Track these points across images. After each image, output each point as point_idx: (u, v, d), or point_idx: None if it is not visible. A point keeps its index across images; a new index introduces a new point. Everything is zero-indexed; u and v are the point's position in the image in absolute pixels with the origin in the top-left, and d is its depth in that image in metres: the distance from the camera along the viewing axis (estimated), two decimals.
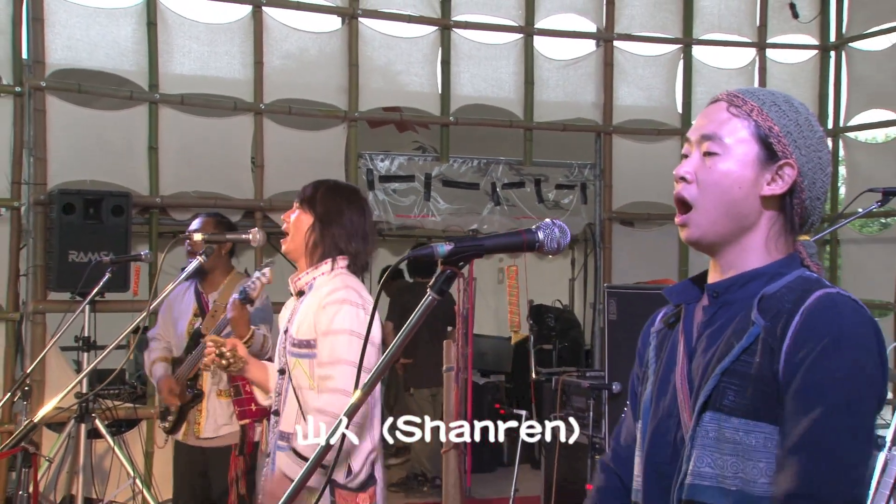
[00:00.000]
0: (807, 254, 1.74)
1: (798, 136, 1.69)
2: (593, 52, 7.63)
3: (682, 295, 1.80)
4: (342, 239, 3.15)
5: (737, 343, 1.62)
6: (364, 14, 6.85)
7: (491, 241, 1.67)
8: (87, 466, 5.12)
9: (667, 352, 1.79)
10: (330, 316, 3.01)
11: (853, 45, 7.90)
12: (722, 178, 1.68)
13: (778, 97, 1.72)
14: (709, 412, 1.62)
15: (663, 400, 1.74)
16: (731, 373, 1.61)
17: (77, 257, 5.49)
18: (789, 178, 1.67)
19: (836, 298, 1.59)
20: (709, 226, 1.69)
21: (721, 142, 1.69)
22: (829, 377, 1.53)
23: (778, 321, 1.59)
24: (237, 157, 6.59)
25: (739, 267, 1.71)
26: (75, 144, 6.07)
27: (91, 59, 6.17)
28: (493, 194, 7.31)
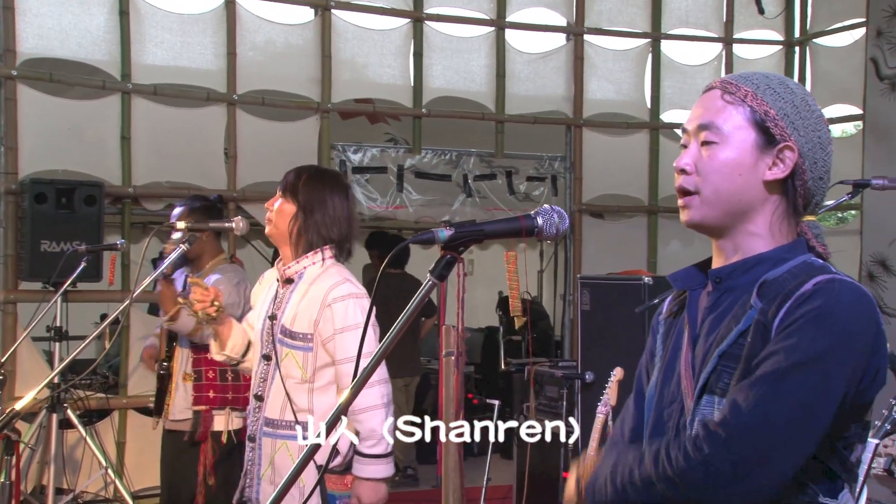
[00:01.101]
0: (812, 234, 1.72)
1: (795, 118, 1.66)
2: (564, 46, 7.70)
3: (685, 281, 1.79)
4: (325, 227, 3.17)
5: (735, 326, 1.62)
6: (337, 6, 6.86)
7: (491, 226, 1.67)
8: (59, 456, 5.11)
9: (673, 339, 1.78)
10: (340, 314, 3.06)
11: (817, 41, 8.04)
12: (722, 167, 1.67)
13: (773, 80, 1.71)
14: (706, 396, 1.62)
15: (668, 386, 1.74)
16: (728, 356, 1.61)
17: (49, 247, 5.47)
18: (790, 162, 1.66)
19: (836, 282, 1.58)
20: (710, 211, 1.68)
21: (718, 130, 1.67)
22: (804, 339, 1.52)
23: (774, 302, 1.59)
24: (210, 148, 6.58)
25: (743, 251, 1.69)
26: (47, 134, 6.03)
27: (63, 48, 6.13)
28: (465, 186, 7.37)
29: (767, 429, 1.50)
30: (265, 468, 3.13)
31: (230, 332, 3.30)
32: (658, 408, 1.75)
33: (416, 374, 7.49)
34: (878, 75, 7.19)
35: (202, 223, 3.79)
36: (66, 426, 5.17)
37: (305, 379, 3.08)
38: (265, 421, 3.12)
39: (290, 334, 3.11)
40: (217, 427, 4.24)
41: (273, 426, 3.10)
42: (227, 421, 4.24)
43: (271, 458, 3.11)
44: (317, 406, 3.09)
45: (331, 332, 3.07)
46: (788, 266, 1.65)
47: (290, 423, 3.06)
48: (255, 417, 3.17)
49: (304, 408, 3.07)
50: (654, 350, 1.83)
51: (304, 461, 1.57)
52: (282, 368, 3.08)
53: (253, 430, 3.18)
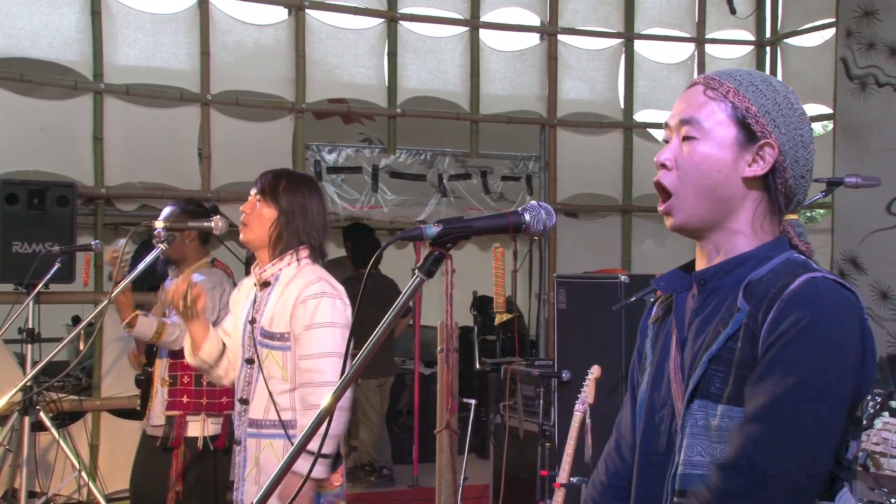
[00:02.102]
0: (795, 233, 1.72)
1: (777, 115, 1.66)
2: (537, 46, 7.73)
3: (670, 284, 1.77)
4: (305, 232, 3.20)
5: (723, 330, 1.61)
6: (310, 6, 6.85)
7: (478, 222, 1.65)
8: (31, 459, 5.07)
9: (661, 342, 1.77)
10: (311, 310, 3.07)
11: (788, 41, 8.12)
12: (702, 162, 1.66)
13: (755, 77, 1.70)
14: (697, 400, 1.61)
15: (658, 391, 1.73)
16: (718, 360, 1.60)
17: (21, 248, 5.41)
18: (770, 158, 1.65)
19: (820, 282, 1.57)
20: (691, 210, 1.68)
21: (699, 125, 1.67)
22: (802, 354, 1.51)
23: (761, 307, 1.58)
24: (184, 148, 6.55)
25: (726, 251, 1.69)
26: (18, 134, 5.98)
27: (34, 47, 6.08)
28: (440, 186, 7.37)
29: (793, 456, 1.50)
30: (250, 468, 3.13)
31: (206, 335, 3.29)
32: (649, 412, 1.74)
33: (391, 374, 7.47)
34: (848, 75, 7.27)
35: (180, 222, 3.77)
36: (38, 429, 5.13)
37: (286, 378, 3.09)
38: (249, 422, 3.13)
39: (269, 335, 3.12)
40: (191, 433, 4.21)
41: (257, 426, 3.11)
42: (202, 427, 4.21)
43: (256, 457, 3.12)
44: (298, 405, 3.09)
45: (300, 329, 3.08)
46: (772, 265, 1.64)
47: (274, 422, 3.07)
48: (240, 421, 3.18)
49: (286, 407, 3.08)
50: (644, 352, 1.83)
51: (288, 464, 1.56)
52: (264, 370, 3.09)
53: (239, 434, 3.19)
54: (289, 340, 3.10)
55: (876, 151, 6.98)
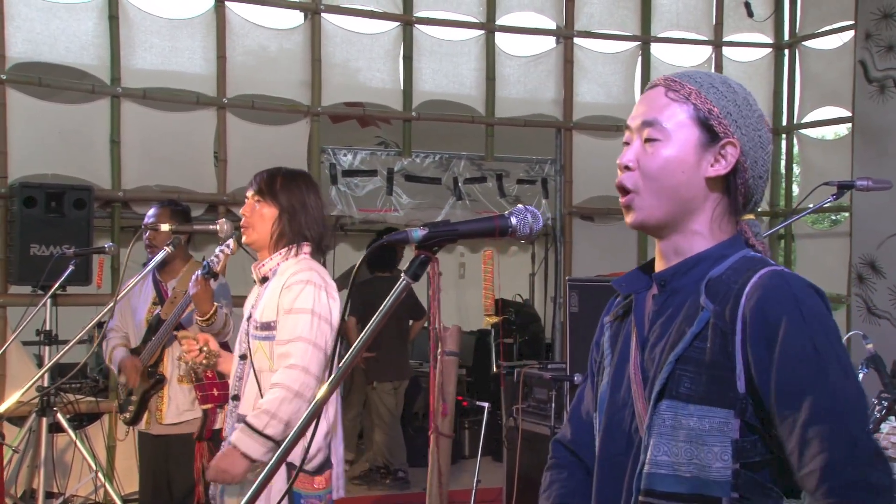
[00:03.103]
0: (752, 233, 1.74)
1: (738, 116, 1.67)
2: (553, 49, 7.72)
3: (630, 285, 1.78)
4: (307, 227, 3.20)
5: (688, 329, 1.61)
6: (326, 10, 6.88)
7: (465, 226, 1.66)
8: (49, 460, 5.11)
9: (621, 343, 1.77)
10: (293, 295, 3.06)
11: (806, 43, 8.07)
12: (664, 164, 1.66)
13: (715, 79, 1.71)
14: (665, 400, 1.61)
15: (618, 392, 1.73)
16: (686, 359, 1.60)
17: (39, 251, 5.47)
18: (732, 158, 1.66)
19: (785, 275, 1.59)
20: (653, 209, 1.68)
21: (661, 127, 1.67)
22: (811, 352, 1.53)
23: (726, 304, 1.59)
24: (200, 152, 6.60)
25: (684, 251, 1.70)
26: (37, 138, 6.04)
27: (52, 52, 6.14)
28: (455, 189, 7.38)
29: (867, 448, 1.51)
30: None
31: (229, 367, 3.30)
32: (610, 412, 1.75)
33: (406, 377, 7.49)
34: (867, 78, 7.22)
35: (186, 226, 3.79)
36: (56, 430, 5.18)
37: (274, 369, 3.06)
38: (238, 418, 3.11)
39: (259, 326, 3.12)
40: (218, 424, 4.23)
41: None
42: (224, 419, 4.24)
43: (233, 443, 3.06)
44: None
45: (281, 313, 3.07)
46: (729, 262, 1.65)
47: None
48: (231, 418, 3.16)
49: None
50: (602, 348, 1.83)
51: (278, 462, 1.57)
52: (255, 363, 3.09)
53: (229, 429, 3.17)
54: (274, 329, 3.09)
55: (895, 154, 6.94)
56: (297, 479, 3.03)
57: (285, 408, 2.95)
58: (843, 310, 7.52)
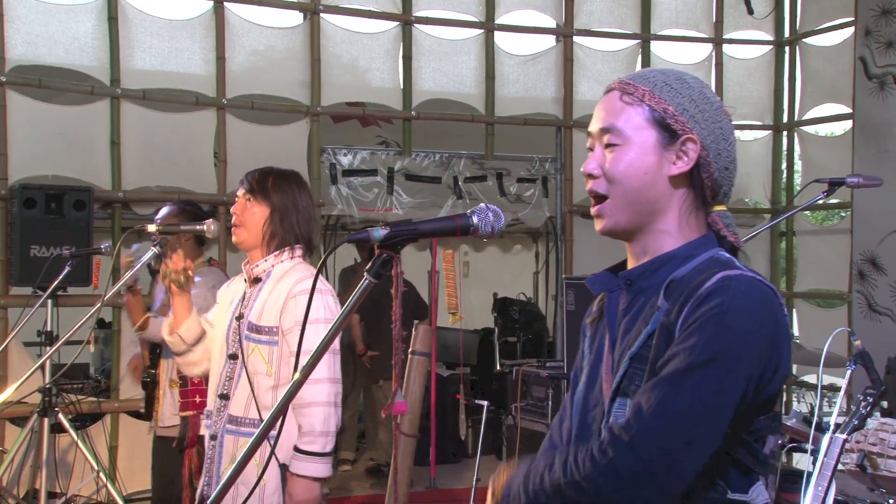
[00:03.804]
0: (723, 224, 1.72)
1: (695, 111, 1.67)
2: (553, 48, 7.73)
3: (602, 285, 1.79)
4: (298, 226, 3.21)
5: (644, 329, 1.63)
6: (325, 10, 6.90)
7: (426, 225, 1.66)
8: (51, 461, 5.12)
9: (597, 343, 1.79)
10: (302, 306, 3.06)
11: (806, 40, 8.06)
12: (627, 169, 1.67)
13: (669, 76, 1.71)
14: (619, 398, 1.63)
15: (592, 390, 1.74)
16: (638, 358, 1.61)
17: (39, 252, 5.49)
18: (693, 154, 1.66)
19: (735, 279, 1.57)
20: (621, 215, 1.69)
21: (619, 132, 1.68)
22: (702, 339, 1.51)
23: (677, 303, 1.59)
24: (200, 152, 6.62)
25: (653, 251, 1.70)
26: (37, 139, 6.06)
27: (51, 54, 6.17)
28: (456, 188, 7.39)
29: (669, 429, 1.50)
30: (225, 466, 3.10)
31: (187, 314, 3.30)
32: (583, 412, 1.76)
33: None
34: (867, 74, 7.21)
35: (173, 225, 3.80)
36: (57, 430, 5.19)
37: (271, 373, 3.08)
38: (229, 419, 3.11)
39: (256, 329, 3.11)
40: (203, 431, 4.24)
41: (236, 423, 3.08)
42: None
43: (233, 455, 3.09)
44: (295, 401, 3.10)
45: (291, 323, 3.08)
46: (695, 263, 1.65)
47: (254, 420, 3.03)
48: (218, 417, 3.16)
49: (267, 405, 3.04)
50: (584, 353, 1.84)
51: (249, 453, 1.58)
52: (248, 365, 3.08)
53: (215, 429, 3.16)
54: (276, 335, 3.09)
55: (895, 150, 6.93)
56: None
57: (332, 421, 3.04)
58: (844, 307, 7.52)
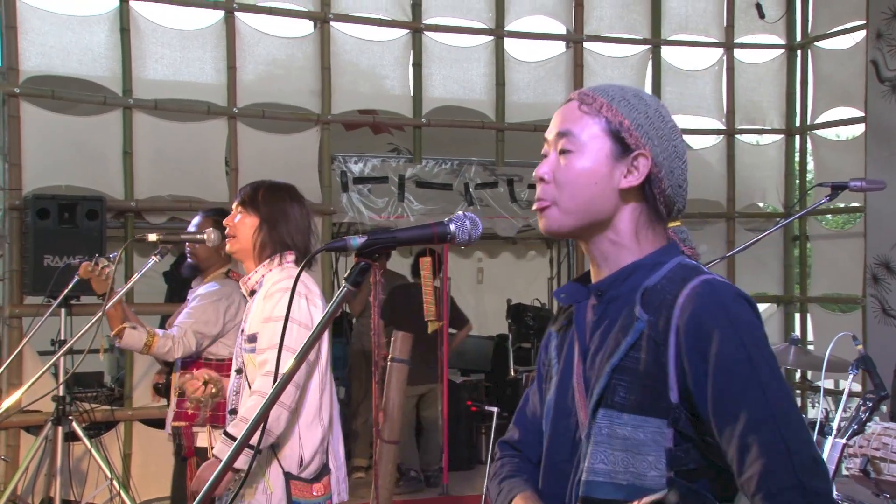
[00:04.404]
0: (679, 239, 1.77)
1: (649, 128, 1.70)
2: (563, 54, 7.73)
3: (570, 296, 1.80)
4: (288, 236, 3.26)
5: (624, 339, 1.64)
6: (335, 18, 6.93)
7: (404, 233, 1.69)
8: (65, 469, 5.17)
9: (566, 352, 1.80)
10: (273, 304, 3.10)
11: (818, 44, 8.04)
12: (577, 176, 1.70)
13: (627, 92, 1.74)
14: (602, 409, 1.64)
15: (564, 400, 1.75)
16: (621, 369, 1.63)
17: (52, 261, 5.53)
18: (644, 169, 1.69)
19: (716, 284, 1.61)
20: (566, 219, 1.71)
21: (574, 139, 1.70)
22: (743, 362, 1.55)
23: (660, 314, 1.61)
24: (211, 161, 6.65)
25: (613, 261, 1.73)
26: (50, 150, 6.11)
27: (64, 65, 6.22)
28: (467, 194, 7.40)
29: (810, 453, 1.53)
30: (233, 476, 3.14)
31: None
32: (555, 421, 1.77)
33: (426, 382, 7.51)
34: (879, 77, 7.19)
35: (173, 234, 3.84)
36: (71, 438, 5.23)
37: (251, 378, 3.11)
38: None
39: (248, 339, 3.16)
40: (200, 443, 4.24)
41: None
42: (209, 438, 4.26)
43: (214, 454, 3.12)
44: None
45: (259, 322, 3.12)
46: (664, 270, 1.67)
47: None
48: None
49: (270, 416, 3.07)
50: (550, 356, 1.85)
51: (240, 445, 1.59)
52: (248, 376, 3.13)
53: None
54: (255, 340, 3.13)
55: None
56: (295, 488, 3.08)
57: (265, 416, 2.98)
58: (858, 311, 7.48)
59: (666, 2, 7.88)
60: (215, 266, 4.48)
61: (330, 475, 3.17)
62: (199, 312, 4.21)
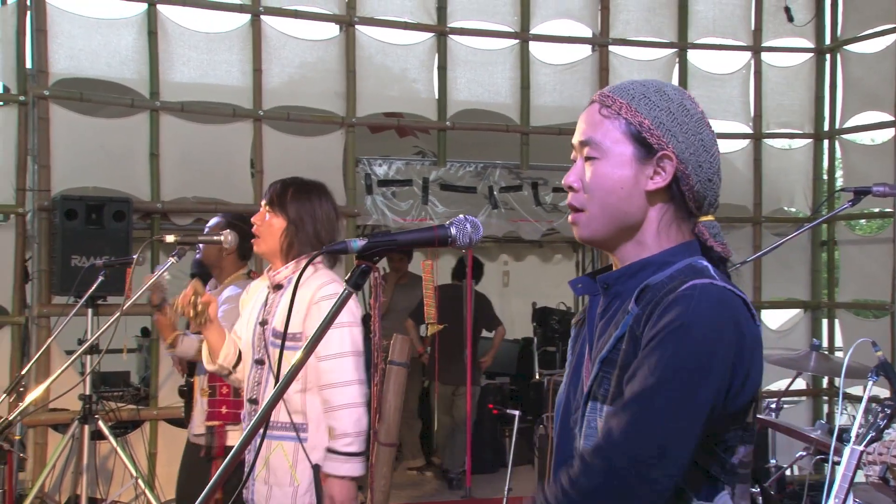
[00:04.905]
0: (709, 234, 1.72)
1: (672, 125, 1.67)
2: (589, 57, 7.71)
3: (584, 287, 1.80)
4: (316, 237, 3.27)
5: (614, 332, 1.64)
6: (361, 21, 6.95)
7: (404, 236, 1.69)
8: (91, 467, 5.22)
9: (580, 345, 1.80)
10: (325, 311, 3.11)
11: (848, 47, 7.95)
12: (604, 182, 1.68)
13: (649, 88, 1.71)
14: (590, 402, 1.65)
15: (574, 393, 1.76)
16: (608, 362, 1.63)
17: (79, 262, 5.59)
18: (670, 169, 1.67)
19: (702, 288, 1.57)
20: (598, 226, 1.71)
21: (598, 146, 1.69)
22: (666, 355, 1.52)
23: (647, 309, 1.60)
24: (237, 163, 6.69)
25: (630, 259, 1.72)
26: (78, 152, 6.17)
27: (93, 68, 6.29)
28: (491, 198, 7.40)
29: (641, 450, 1.51)
30: (260, 469, 3.20)
31: (221, 342, 3.37)
32: (565, 414, 1.78)
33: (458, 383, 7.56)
34: None
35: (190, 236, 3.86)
36: (98, 437, 5.29)
37: (299, 377, 3.13)
38: None
39: (278, 335, 3.17)
40: (231, 442, 4.28)
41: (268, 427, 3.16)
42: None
43: (266, 458, 3.18)
44: (309, 406, 3.16)
45: (305, 327, 3.14)
46: (671, 270, 1.65)
47: (284, 424, 3.13)
48: (249, 421, 3.24)
49: (297, 409, 3.15)
50: (568, 354, 1.86)
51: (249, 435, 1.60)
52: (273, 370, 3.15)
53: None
54: (300, 340, 3.15)
55: None
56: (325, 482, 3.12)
57: (363, 421, 3.12)
58: (887, 317, 7.40)
59: (693, 5, 7.82)
60: (230, 268, 4.51)
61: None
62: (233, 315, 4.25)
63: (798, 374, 4.80)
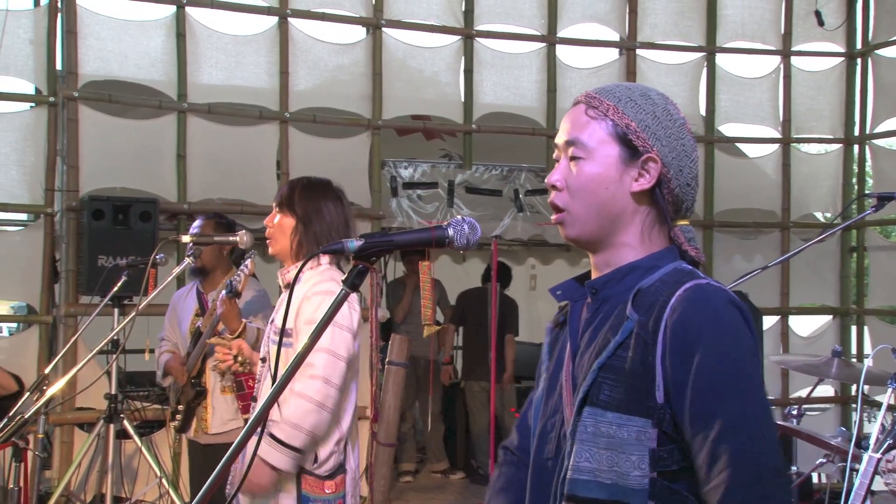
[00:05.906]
0: (685, 238, 1.75)
1: (657, 128, 1.69)
2: (616, 61, 7.67)
3: (566, 293, 1.80)
4: (324, 235, 3.25)
5: (612, 338, 1.64)
6: (388, 24, 6.96)
7: (401, 237, 1.69)
8: (116, 466, 5.25)
9: (558, 350, 1.80)
10: (314, 306, 3.11)
11: (879, 52, 7.87)
12: (588, 182, 1.70)
13: (634, 92, 1.74)
14: (588, 407, 1.63)
15: (552, 397, 1.76)
16: (608, 368, 1.62)
17: (106, 262, 5.63)
18: (655, 172, 1.69)
19: (708, 290, 1.60)
20: (582, 226, 1.71)
21: (583, 146, 1.70)
22: (724, 371, 1.56)
23: (650, 314, 1.61)
24: (263, 165, 6.72)
25: (615, 263, 1.72)
26: (106, 152, 6.22)
27: (122, 69, 6.35)
28: (516, 201, 7.38)
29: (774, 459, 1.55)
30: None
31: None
32: (543, 418, 1.78)
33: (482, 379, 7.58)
34: None
35: (207, 236, 3.86)
36: (123, 436, 5.32)
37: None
38: None
39: (277, 332, 3.17)
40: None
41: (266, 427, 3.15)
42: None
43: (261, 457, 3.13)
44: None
45: (301, 324, 3.13)
46: (660, 273, 1.67)
47: (276, 422, 3.10)
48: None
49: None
50: (543, 356, 1.86)
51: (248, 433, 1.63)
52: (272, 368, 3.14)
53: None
54: (291, 336, 3.15)
55: None
56: (306, 483, 3.09)
57: (309, 419, 3.02)
58: None
59: (722, 9, 7.77)
60: (222, 269, 4.53)
61: (346, 475, 3.16)
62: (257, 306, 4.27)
63: (819, 380, 4.75)
